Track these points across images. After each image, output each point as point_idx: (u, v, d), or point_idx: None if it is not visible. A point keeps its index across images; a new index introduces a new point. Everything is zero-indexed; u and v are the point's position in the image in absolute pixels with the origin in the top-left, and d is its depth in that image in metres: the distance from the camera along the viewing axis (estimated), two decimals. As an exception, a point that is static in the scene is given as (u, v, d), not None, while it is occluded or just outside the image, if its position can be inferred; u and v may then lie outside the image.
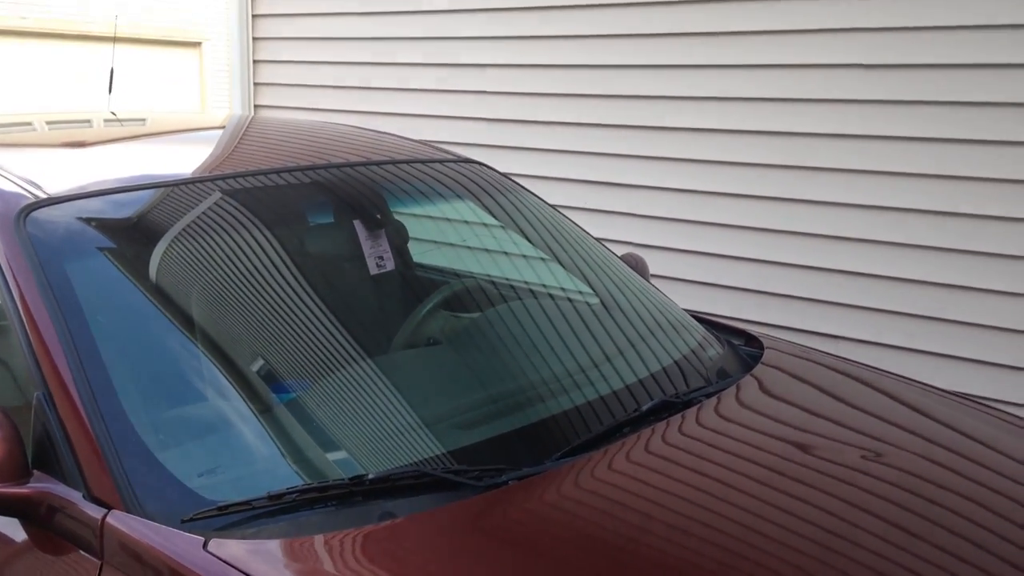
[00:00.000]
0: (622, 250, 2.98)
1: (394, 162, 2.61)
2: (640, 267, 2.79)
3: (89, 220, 2.03)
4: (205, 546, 1.50)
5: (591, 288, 2.53)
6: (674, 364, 2.27)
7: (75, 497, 1.63)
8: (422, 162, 2.66)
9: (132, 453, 1.64)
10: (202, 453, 1.75)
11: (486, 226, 2.65)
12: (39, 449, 1.70)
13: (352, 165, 2.51)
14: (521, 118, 4.31)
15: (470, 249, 2.68)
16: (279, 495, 1.62)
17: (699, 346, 2.39)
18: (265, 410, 1.89)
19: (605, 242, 2.91)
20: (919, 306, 3.37)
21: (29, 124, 3.18)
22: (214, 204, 2.19)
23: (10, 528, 1.71)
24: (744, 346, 2.51)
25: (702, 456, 1.91)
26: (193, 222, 2.13)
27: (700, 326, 2.54)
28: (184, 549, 1.50)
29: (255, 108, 5.37)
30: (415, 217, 2.74)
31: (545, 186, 4.05)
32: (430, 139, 4.10)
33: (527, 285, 2.56)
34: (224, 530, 1.55)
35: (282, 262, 2.17)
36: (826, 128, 3.48)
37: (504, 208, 2.65)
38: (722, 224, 3.78)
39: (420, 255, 2.81)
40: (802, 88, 3.52)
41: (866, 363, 2.58)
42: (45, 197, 2.01)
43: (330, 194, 2.46)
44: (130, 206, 2.16)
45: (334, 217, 2.52)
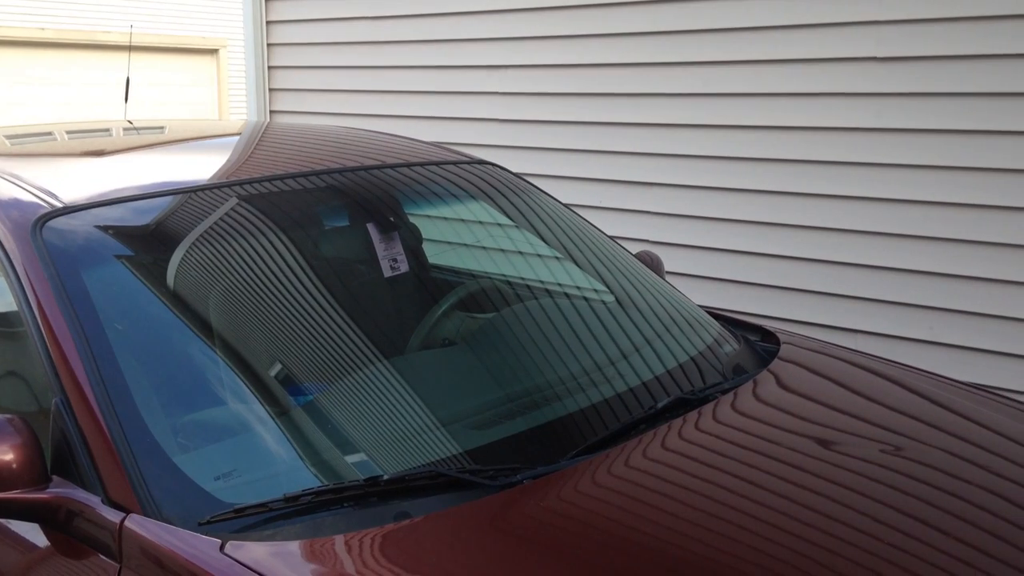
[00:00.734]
0: (637, 248, 2.97)
1: (408, 165, 2.62)
2: (655, 264, 2.78)
3: (105, 228, 2.05)
4: (222, 548, 1.51)
5: (606, 286, 2.52)
6: (690, 361, 2.27)
7: (93, 501, 1.65)
8: (436, 164, 2.67)
9: (149, 457, 1.66)
10: (218, 456, 1.76)
11: (500, 226, 2.65)
12: (57, 454, 1.72)
13: (367, 168, 2.52)
14: (534, 118, 4.31)
15: (485, 249, 2.68)
16: (295, 497, 1.62)
17: (715, 342, 2.39)
18: (280, 412, 1.90)
19: (620, 240, 2.91)
20: (938, 299, 3.34)
21: (47, 134, 3.21)
22: (229, 210, 2.21)
23: (31, 533, 1.74)
24: (760, 342, 2.50)
25: (719, 452, 1.90)
26: (208, 228, 2.14)
27: (716, 322, 2.53)
28: (201, 552, 1.51)
29: (271, 114, 5.40)
30: (430, 219, 2.75)
31: (559, 185, 4.05)
32: (444, 141, 4.11)
33: (542, 285, 2.56)
34: (241, 532, 1.56)
35: (297, 266, 2.18)
36: (841, 122, 3.46)
37: (518, 208, 2.65)
38: (738, 220, 3.77)
39: (435, 256, 2.81)
40: (818, 83, 3.50)
41: (884, 357, 2.56)
42: (61, 206, 2.03)
43: (345, 198, 2.47)
44: (145, 213, 2.17)
45: (349, 220, 2.53)
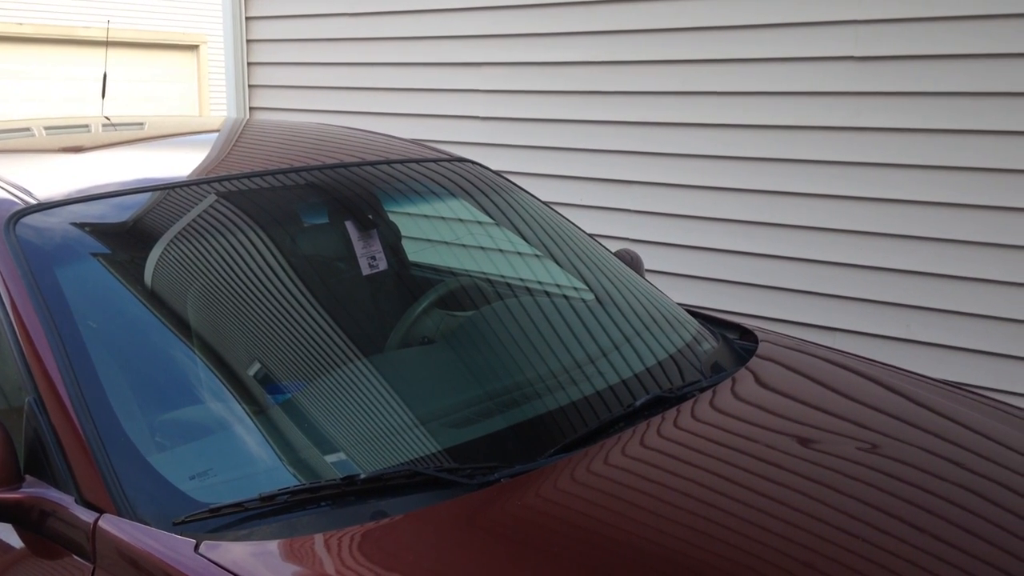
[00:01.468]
0: (617, 246, 2.98)
1: (388, 162, 2.61)
2: (635, 263, 2.78)
3: (80, 225, 2.03)
4: (197, 548, 1.50)
5: (585, 284, 2.53)
6: (668, 358, 2.27)
7: (67, 501, 1.63)
8: (416, 161, 2.66)
9: (123, 456, 1.64)
10: (193, 455, 1.75)
11: (480, 224, 2.65)
12: (31, 454, 1.70)
13: (346, 166, 2.51)
14: (515, 116, 4.31)
15: (464, 247, 2.68)
16: (271, 496, 1.62)
17: (693, 340, 2.39)
18: (256, 411, 1.89)
19: (600, 238, 2.91)
20: (916, 297, 3.36)
21: (24, 130, 3.18)
22: (207, 207, 2.19)
23: (4, 533, 1.72)
24: (738, 339, 2.50)
25: (696, 450, 1.91)
26: (185, 225, 2.13)
27: (694, 320, 2.54)
28: (176, 552, 1.50)
29: (250, 110, 5.37)
30: (409, 216, 2.74)
31: (540, 183, 4.05)
32: (424, 138, 4.10)
33: (521, 282, 2.56)
34: (216, 532, 1.55)
35: (275, 263, 2.17)
36: (820, 121, 3.48)
37: (498, 206, 2.65)
38: (717, 218, 3.78)
39: (415, 254, 2.80)
40: (797, 82, 3.52)
41: (861, 355, 2.58)
42: (35, 203, 2.01)
43: (324, 195, 2.46)
44: (122, 210, 2.16)
45: (328, 218, 2.52)
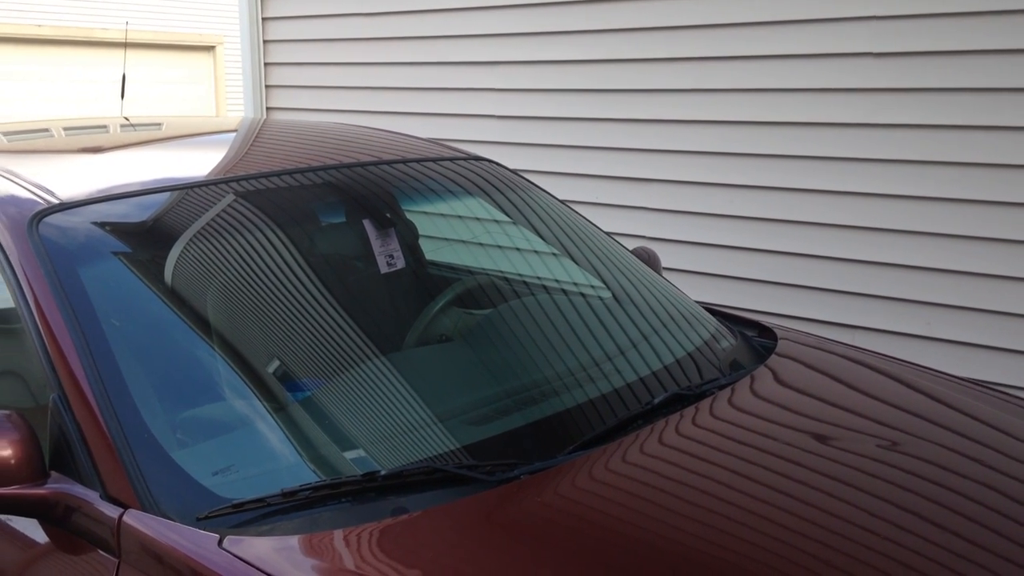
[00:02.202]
0: (634, 244, 2.98)
1: (405, 161, 2.62)
2: (652, 260, 2.78)
3: (101, 224, 2.05)
4: (220, 543, 1.51)
5: (603, 282, 2.53)
6: (687, 356, 2.27)
7: (92, 497, 1.65)
8: (433, 160, 2.67)
9: (147, 452, 1.66)
10: (216, 452, 1.77)
11: (497, 223, 2.65)
12: (55, 450, 1.72)
13: (363, 165, 2.52)
14: (531, 114, 4.31)
15: (482, 246, 2.68)
16: (293, 492, 1.63)
17: (712, 338, 2.39)
18: (278, 408, 1.90)
19: (617, 236, 2.91)
20: (937, 294, 3.35)
21: (44, 131, 3.21)
22: (226, 206, 2.21)
23: (29, 529, 1.74)
24: (758, 337, 2.50)
25: (715, 447, 1.90)
26: (205, 225, 2.14)
27: (713, 318, 2.53)
28: (200, 546, 1.52)
29: (267, 110, 5.39)
30: (427, 215, 2.75)
31: (556, 182, 4.05)
32: (441, 138, 4.11)
33: (539, 280, 2.56)
34: (239, 527, 1.57)
35: (294, 262, 2.18)
36: (838, 118, 3.47)
37: (515, 204, 2.65)
38: (735, 216, 3.77)
39: (432, 252, 2.81)
40: (814, 79, 3.51)
41: (881, 352, 2.57)
42: (58, 203, 2.03)
43: (342, 194, 2.47)
44: (142, 210, 2.17)
45: (346, 217, 2.53)
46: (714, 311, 2.63)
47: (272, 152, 2.84)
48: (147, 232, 2.14)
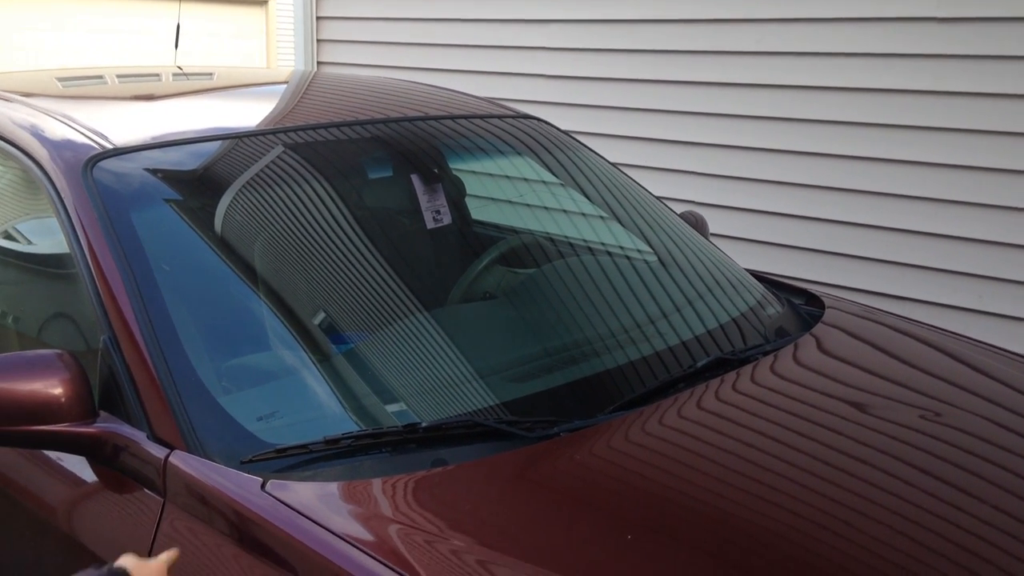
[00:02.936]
0: (682, 208, 2.95)
1: (452, 117, 2.61)
2: (699, 225, 2.76)
3: (153, 170, 2.07)
4: (264, 487, 1.54)
5: (649, 245, 2.51)
6: (732, 321, 2.25)
7: (139, 437, 1.68)
8: (481, 117, 2.66)
9: (194, 396, 1.69)
10: (261, 398, 1.79)
11: (544, 182, 2.64)
12: (105, 391, 1.76)
13: (411, 120, 2.52)
14: (581, 75, 4.27)
15: (528, 205, 2.67)
16: (335, 440, 1.65)
17: (758, 304, 2.37)
18: (322, 358, 1.92)
19: (665, 200, 2.89)
20: (989, 267, 3.28)
21: (99, 78, 3.24)
22: (276, 157, 2.22)
23: (78, 466, 1.78)
24: (805, 305, 2.47)
25: (754, 413, 1.89)
26: (255, 175, 2.16)
27: (759, 284, 2.51)
28: (243, 489, 1.54)
29: (318, 64, 5.40)
30: (473, 173, 2.75)
31: (606, 143, 4.01)
32: (491, 96, 4.09)
33: (584, 241, 2.55)
34: (281, 472, 1.59)
35: (341, 215, 2.19)
36: (899, 84, 3.38)
37: (563, 164, 2.63)
38: (786, 183, 3.71)
39: (478, 210, 2.81)
40: (876, 43, 3.43)
41: (930, 324, 2.53)
42: (112, 148, 2.05)
43: (390, 148, 2.47)
44: (194, 157, 2.20)
45: (393, 171, 2.54)
46: (762, 278, 2.60)
47: (322, 105, 2.85)
48: (198, 179, 2.16)
